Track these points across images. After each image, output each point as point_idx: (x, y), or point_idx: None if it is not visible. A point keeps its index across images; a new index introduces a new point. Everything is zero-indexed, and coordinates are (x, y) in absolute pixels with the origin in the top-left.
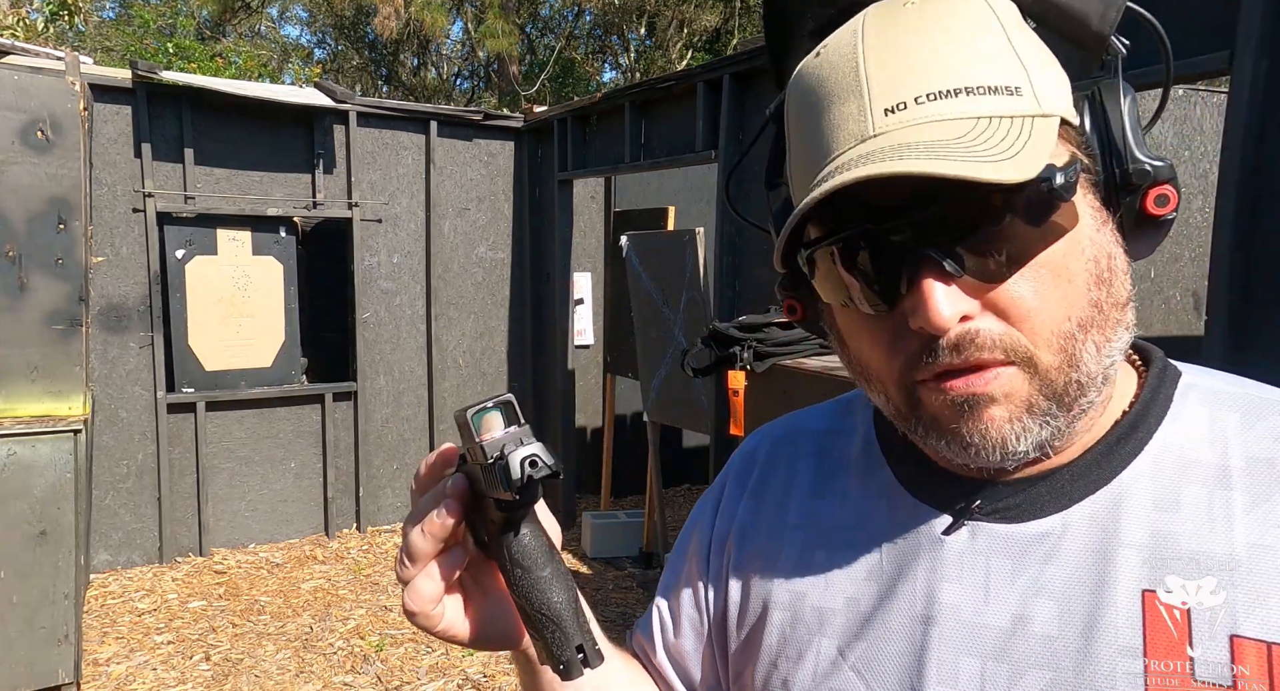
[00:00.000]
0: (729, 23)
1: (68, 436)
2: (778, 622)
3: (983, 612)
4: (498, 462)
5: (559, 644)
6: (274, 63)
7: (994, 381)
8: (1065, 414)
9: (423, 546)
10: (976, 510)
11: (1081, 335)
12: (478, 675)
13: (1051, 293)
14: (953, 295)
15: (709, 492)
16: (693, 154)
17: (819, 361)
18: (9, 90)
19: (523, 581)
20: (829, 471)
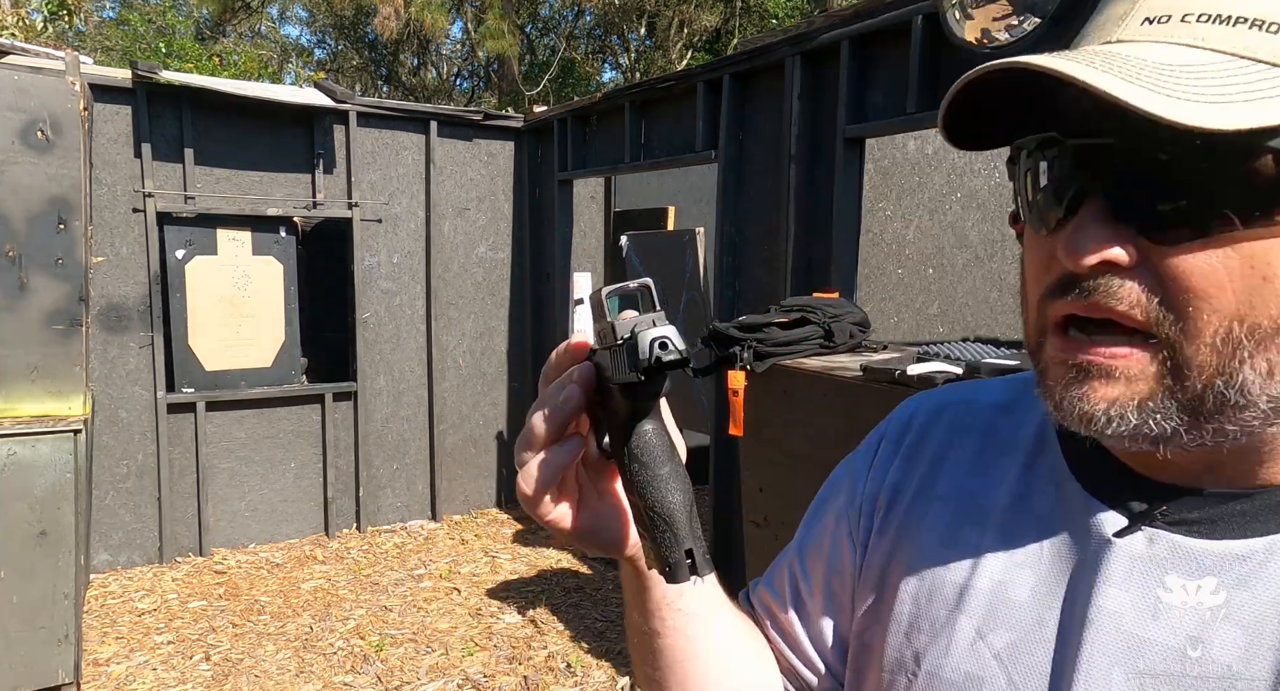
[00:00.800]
0: (729, 23)
1: (68, 436)
2: (912, 592)
3: (1149, 627)
4: (627, 342)
5: (668, 545)
6: (274, 63)
7: (1119, 358)
8: (1189, 422)
9: (542, 430)
10: (1160, 516)
11: (1251, 345)
12: (478, 675)
13: (1233, 283)
14: (1106, 234)
15: (862, 451)
16: (693, 154)
17: (819, 361)
18: (9, 90)
19: (640, 476)
20: (994, 450)
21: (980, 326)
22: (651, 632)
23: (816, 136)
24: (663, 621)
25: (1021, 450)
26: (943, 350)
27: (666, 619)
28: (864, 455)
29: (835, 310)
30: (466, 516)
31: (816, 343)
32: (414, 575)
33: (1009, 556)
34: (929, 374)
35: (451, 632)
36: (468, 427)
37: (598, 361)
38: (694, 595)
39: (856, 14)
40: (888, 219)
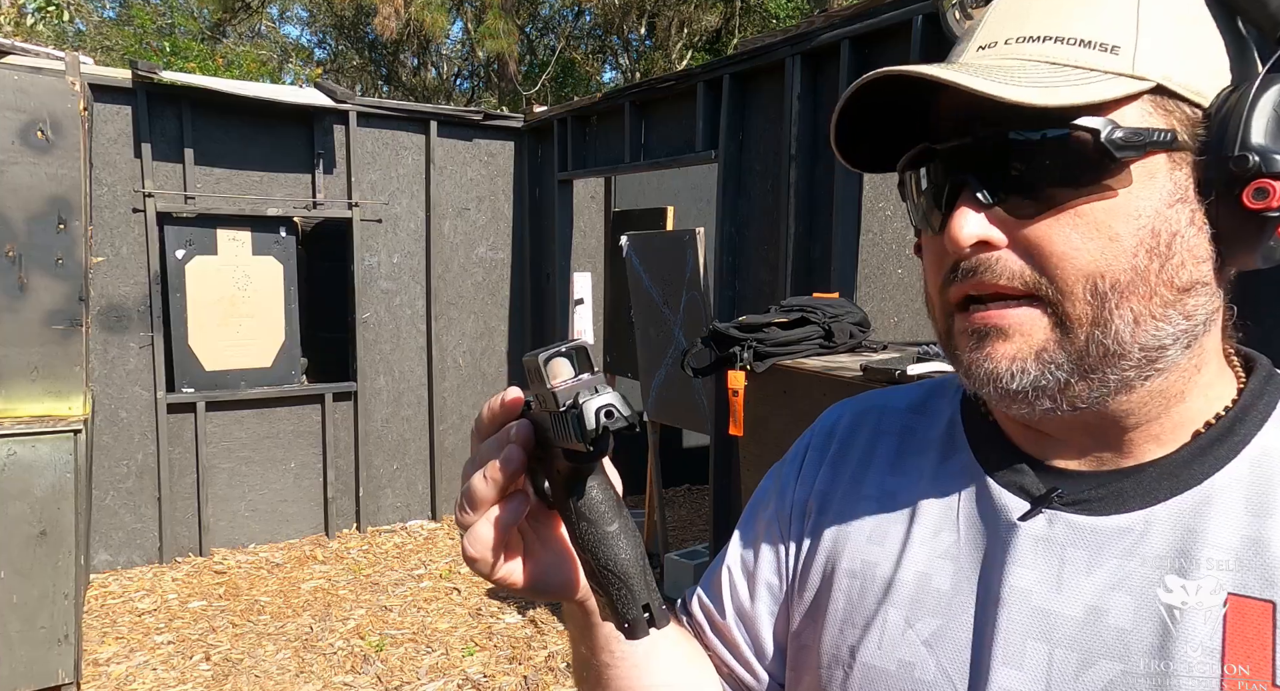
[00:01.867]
0: (729, 23)
1: (68, 436)
2: (845, 589)
3: (1054, 600)
4: (570, 412)
5: (625, 602)
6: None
7: (1011, 315)
8: (1080, 374)
9: (484, 492)
10: (1056, 499)
11: (1115, 297)
12: (478, 675)
13: (1085, 244)
14: (977, 220)
15: (789, 460)
16: (693, 154)
17: (819, 361)
18: (9, 90)
19: (589, 535)
20: (910, 450)
21: None
22: (601, 665)
23: (816, 136)
24: (611, 653)
25: (935, 448)
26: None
27: (615, 651)
28: (791, 464)
29: (835, 310)
30: None
31: (816, 342)
32: (414, 575)
33: (930, 548)
34: (929, 374)
35: (451, 632)
36: (468, 427)
37: (535, 419)
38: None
39: (856, 14)
40: (888, 219)
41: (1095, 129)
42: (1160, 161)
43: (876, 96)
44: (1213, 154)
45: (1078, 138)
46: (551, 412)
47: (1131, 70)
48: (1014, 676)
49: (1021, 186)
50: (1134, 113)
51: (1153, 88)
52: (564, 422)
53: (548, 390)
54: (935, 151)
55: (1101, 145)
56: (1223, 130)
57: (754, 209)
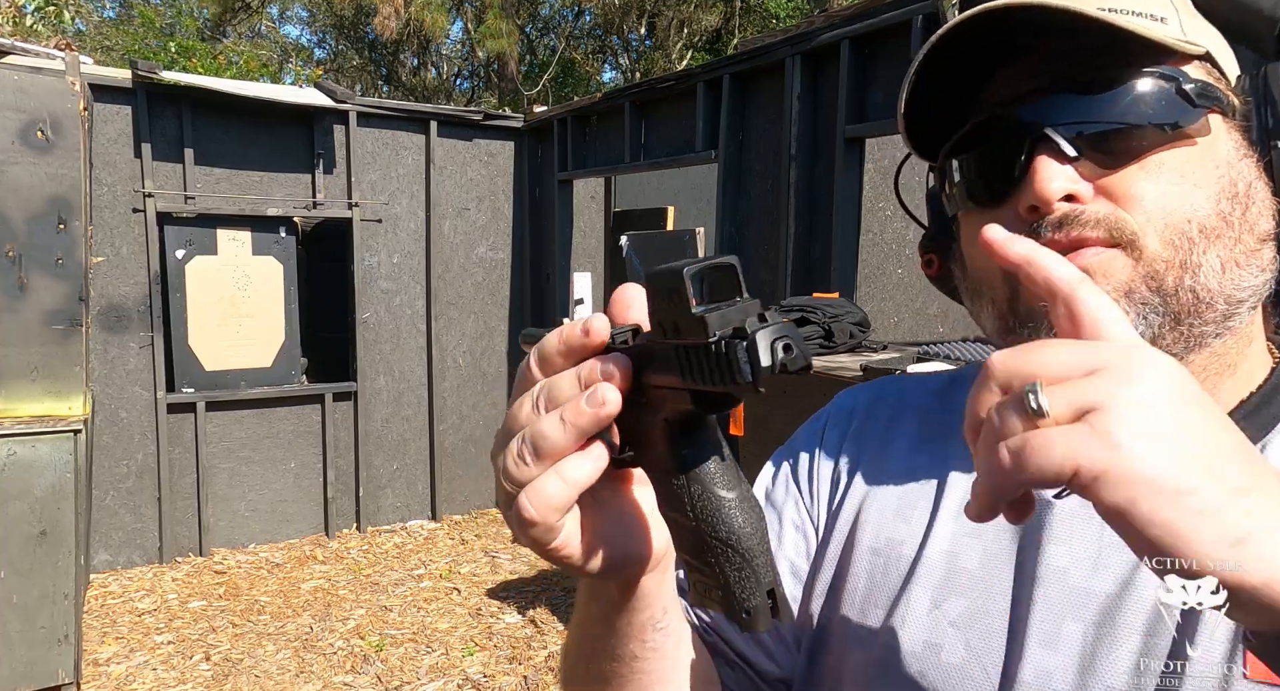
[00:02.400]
0: (729, 23)
1: (68, 436)
2: (866, 567)
3: (1091, 578)
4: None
5: (745, 585)
6: (274, 63)
7: (1092, 257)
8: (1171, 321)
9: (559, 438)
10: None
11: (1203, 240)
12: (478, 675)
13: (1171, 189)
14: (1063, 173)
15: (802, 440)
16: (693, 154)
17: (819, 361)
18: (9, 90)
19: (702, 500)
20: (932, 428)
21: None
22: (629, 656)
23: (816, 136)
24: (643, 644)
25: (956, 437)
26: (943, 350)
27: (648, 640)
28: (806, 442)
29: (835, 310)
30: (466, 516)
31: (816, 343)
32: (414, 575)
33: (957, 525)
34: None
35: (451, 632)
36: (468, 427)
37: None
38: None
39: (856, 14)
40: (888, 219)
41: (1176, 77)
42: (1219, 120)
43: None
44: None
45: (1160, 86)
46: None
47: (1184, 36)
48: (1049, 657)
49: (1104, 137)
50: (1193, 72)
51: (1203, 55)
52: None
53: (693, 315)
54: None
55: (1185, 92)
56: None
57: (754, 209)
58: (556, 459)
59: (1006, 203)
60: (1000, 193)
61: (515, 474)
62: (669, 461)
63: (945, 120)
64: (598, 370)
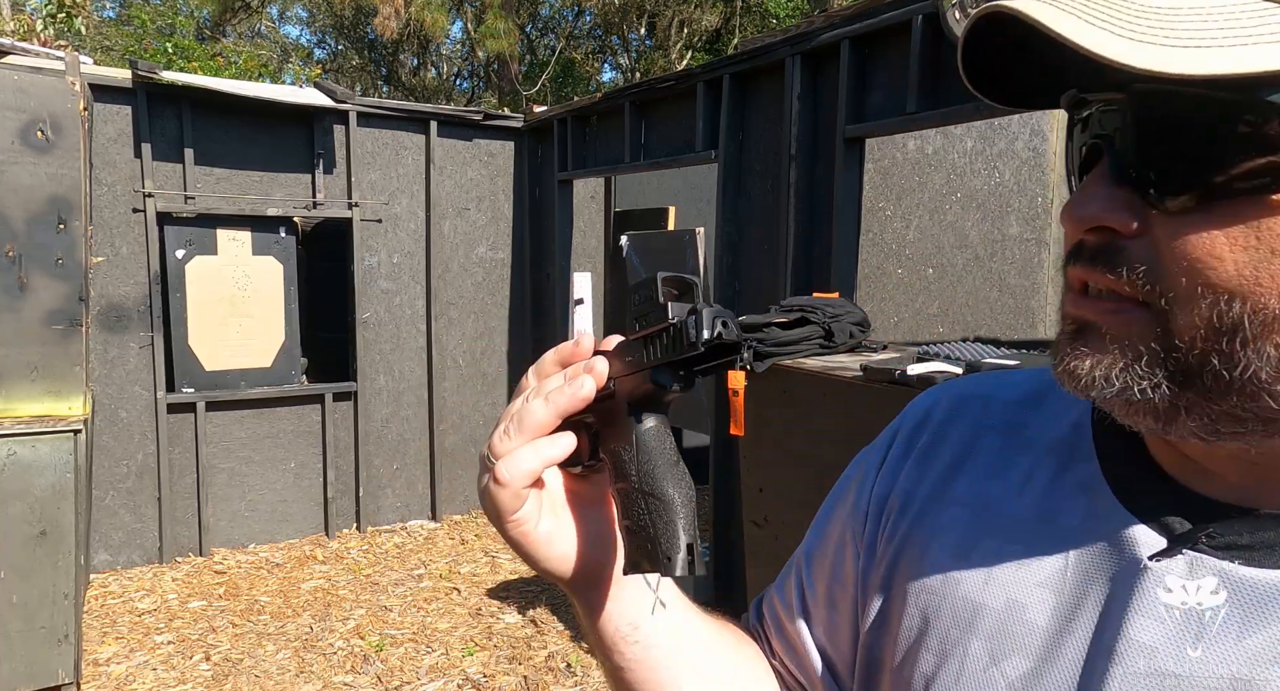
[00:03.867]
0: (729, 23)
1: (68, 436)
2: (921, 606)
3: (1185, 663)
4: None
5: (669, 536)
6: (274, 63)
7: (1117, 316)
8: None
9: (540, 415)
10: (1204, 539)
11: (1256, 329)
12: (478, 675)
13: (1236, 254)
14: (1110, 199)
15: (873, 448)
16: (693, 154)
17: (819, 361)
18: (9, 90)
19: (645, 464)
20: (1018, 453)
21: (980, 326)
22: (615, 667)
23: (816, 136)
24: (621, 656)
25: (1051, 452)
26: (943, 350)
27: (625, 652)
28: (876, 452)
29: (835, 310)
30: (466, 516)
31: (816, 342)
32: (414, 575)
33: (1028, 573)
34: (929, 374)
35: (451, 632)
36: (468, 427)
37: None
38: (654, 626)
39: (856, 14)
40: (888, 219)
41: None
42: None
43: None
44: None
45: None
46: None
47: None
48: None
49: (1172, 167)
50: None
51: None
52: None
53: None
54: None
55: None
56: None
57: (754, 209)
58: (535, 435)
59: None
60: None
61: (497, 445)
62: (625, 431)
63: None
64: (581, 365)
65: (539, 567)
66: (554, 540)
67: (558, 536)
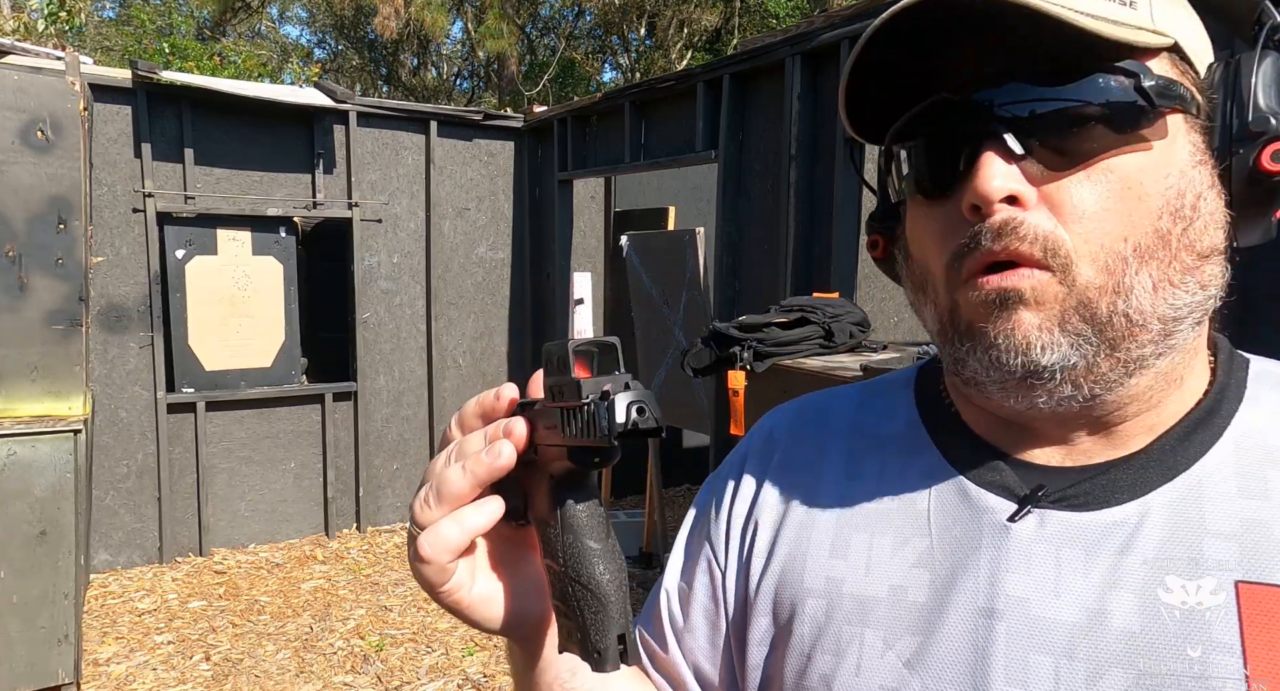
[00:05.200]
0: (729, 23)
1: (68, 436)
2: (810, 611)
3: (1053, 606)
4: (600, 403)
5: (599, 628)
6: (274, 63)
7: (1026, 278)
8: (1107, 349)
9: (459, 485)
10: (1043, 496)
11: (1136, 262)
12: (478, 675)
13: (1114, 203)
14: (1009, 173)
15: (721, 473)
16: (693, 154)
17: (819, 361)
18: (9, 90)
19: (572, 548)
20: (863, 451)
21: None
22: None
23: (816, 136)
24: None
25: (893, 449)
26: None
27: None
28: (727, 476)
29: (835, 310)
30: None
31: (816, 342)
32: None
33: (901, 557)
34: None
35: (451, 632)
36: None
37: (533, 417)
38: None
39: (856, 14)
40: None
41: (1136, 73)
42: (1179, 121)
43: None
44: (1225, 117)
45: (1119, 82)
46: (567, 407)
47: (1152, 24)
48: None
49: (1055, 136)
50: (1158, 67)
51: (1171, 46)
52: (583, 417)
53: (571, 379)
54: (954, 102)
55: (1144, 91)
56: (1235, 94)
57: (754, 209)
58: (456, 505)
59: (950, 196)
60: (945, 185)
61: (419, 515)
62: (548, 512)
63: (890, 101)
64: (500, 428)
65: (479, 628)
66: (490, 602)
67: (494, 597)
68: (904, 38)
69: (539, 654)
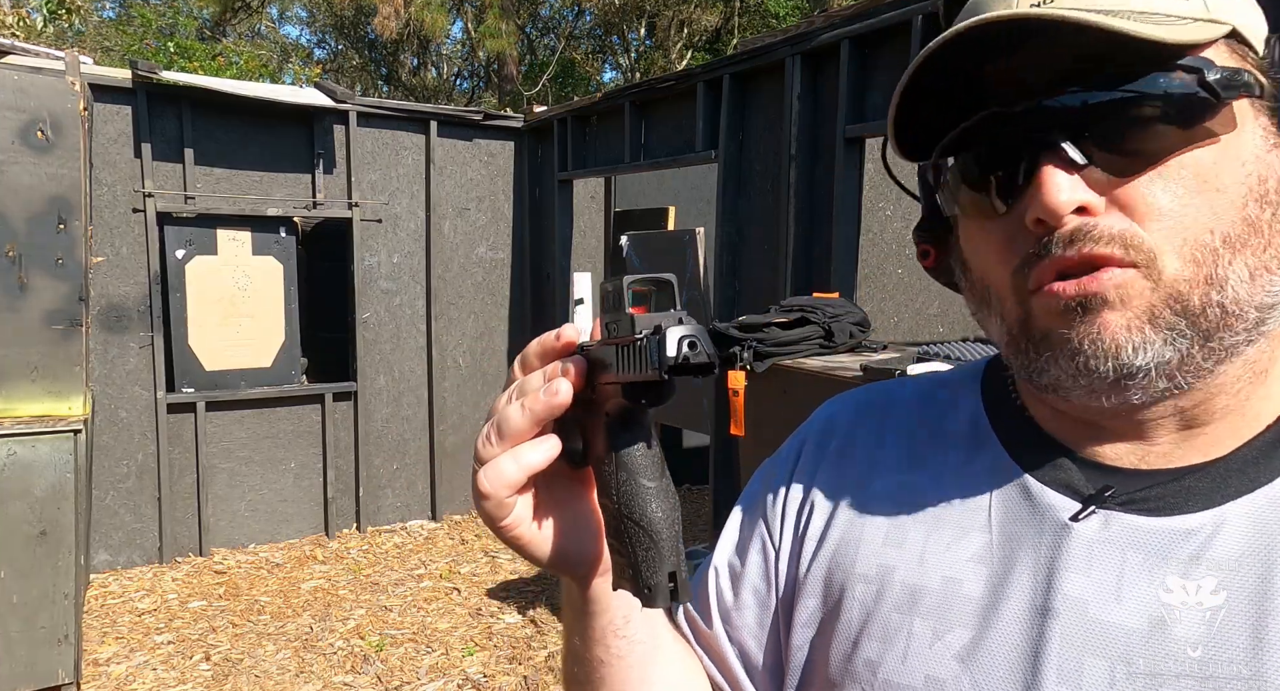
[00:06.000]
0: (729, 23)
1: (68, 436)
2: (859, 596)
3: (1113, 610)
4: (651, 337)
5: (651, 563)
6: (274, 63)
7: (1108, 280)
8: (1200, 340)
9: (518, 423)
10: (1110, 498)
11: (1227, 252)
12: (478, 675)
13: (1193, 198)
14: (1072, 183)
15: (782, 456)
16: (693, 154)
17: (819, 361)
18: (9, 90)
19: (626, 486)
20: (924, 442)
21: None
22: (595, 661)
23: (816, 136)
24: (607, 649)
25: (957, 444)
26: (943, 350)
27: (611, 646)
28: (784, 462)
29: (835, 310)
30: (466, 516)
31: (816, 342)
32: (414, 575)
33: (958, 550)
34: (929, 373)
35: (451, 632)
36: (468, 428)
37: (592, 356)
38: (641, 622)
39: (856, 14)
40: (888, 219)
41: (1199, 68)
42: (1246, 107)
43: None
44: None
45: (1181, 79)
46: (621, 343)
47: (1207, 13)
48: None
49: (1117, 141)
50: (1219, 56)
51: (1229, 32)
52: (636, 352)
53: (626, 315)
54: (1007, 115)
55: (1208, 85)
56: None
57: (754, 209)
58: (516, 441)
59: (1010, 212)
60: (1004, 200)
61: (480, 451)
62: (605, 449)
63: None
64: (558, 368)
65: (539, 564)
66: (548, 539)
67: (554, 534)
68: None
69: (589, 592)
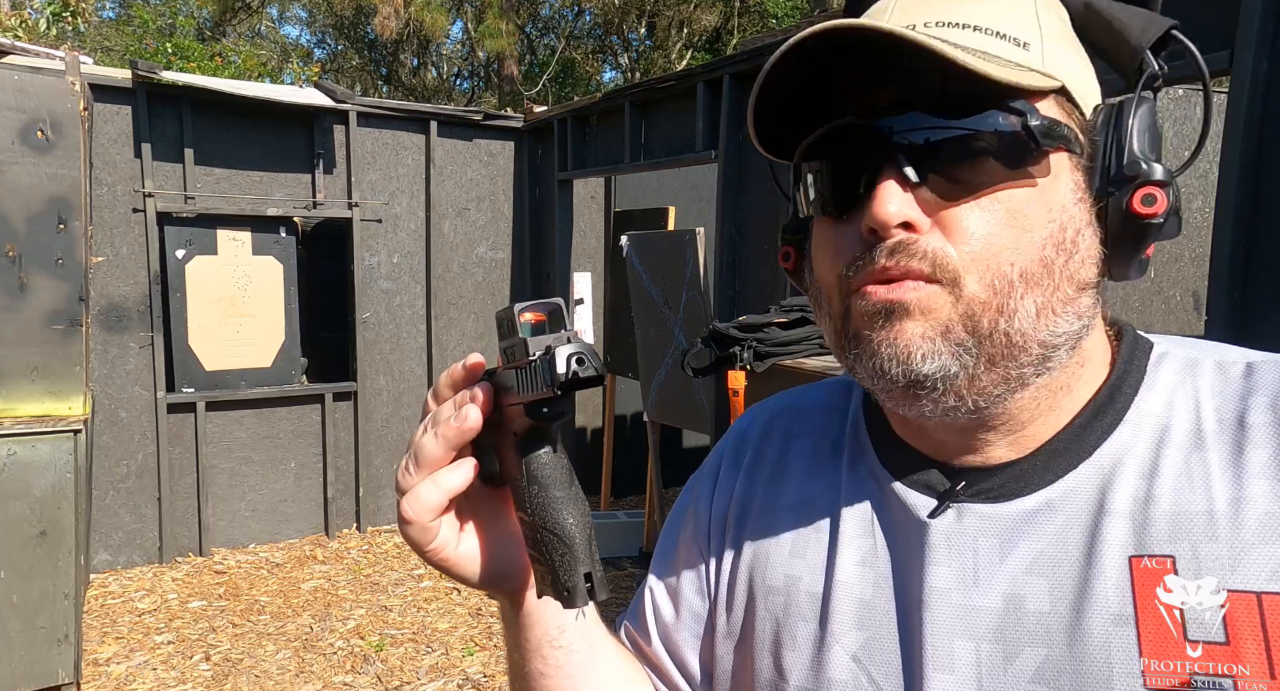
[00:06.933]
0: (729, 23)
1: (68, 436)
2: (770, 607)
3: (973, 594)
4: (542, 358)
5: (566, 568)
6: (274, 63)
7: (913, 291)
8: (986, 363)
9: (433, 451)
10: (960, 492)
11: (1021, 286)
12: (478, 675)
13: (1001, 230)
14: (904, 200)
15: (703, 472)
16: (693, 154)
17: (819, 361)
18: (9, 90)
19: (537, 498)
20: (825, 451)
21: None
22: (534, 673)
23: None
24: (544, 660)
25: (845, 450)
26: None
27: (549, 657)
28: (707, 477)
29: None
30: None
31: (816, 343)
32: (414, 575)
33: (849, 556)
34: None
35: (451, 632)
36: None
37: (497, 382)
38: (575, 632)
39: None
40: None
41: (1024, 113)
42: (1064, 159)
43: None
44: (1104, 160)
45: (1009, 121)
46: (518, 365)
47: (1043, 66)
48: (947, 681)
49: (948, 167)
50: (1046, 108)
51: (1059, 88)
52: (533, 373)
53: (519, 339)
54: (859, 126)
55: (1030, 130)
56: (1114, 138)
57: (754, 209)
58: (434, 468)
59: (851, 217)
60: (847, 206)
61: (401, 481)
62: (516, 467)
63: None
64: (466, 395)
65: (470, 585)
66: (474, 559)
67: (480, 554)
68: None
69: (521, 606)
